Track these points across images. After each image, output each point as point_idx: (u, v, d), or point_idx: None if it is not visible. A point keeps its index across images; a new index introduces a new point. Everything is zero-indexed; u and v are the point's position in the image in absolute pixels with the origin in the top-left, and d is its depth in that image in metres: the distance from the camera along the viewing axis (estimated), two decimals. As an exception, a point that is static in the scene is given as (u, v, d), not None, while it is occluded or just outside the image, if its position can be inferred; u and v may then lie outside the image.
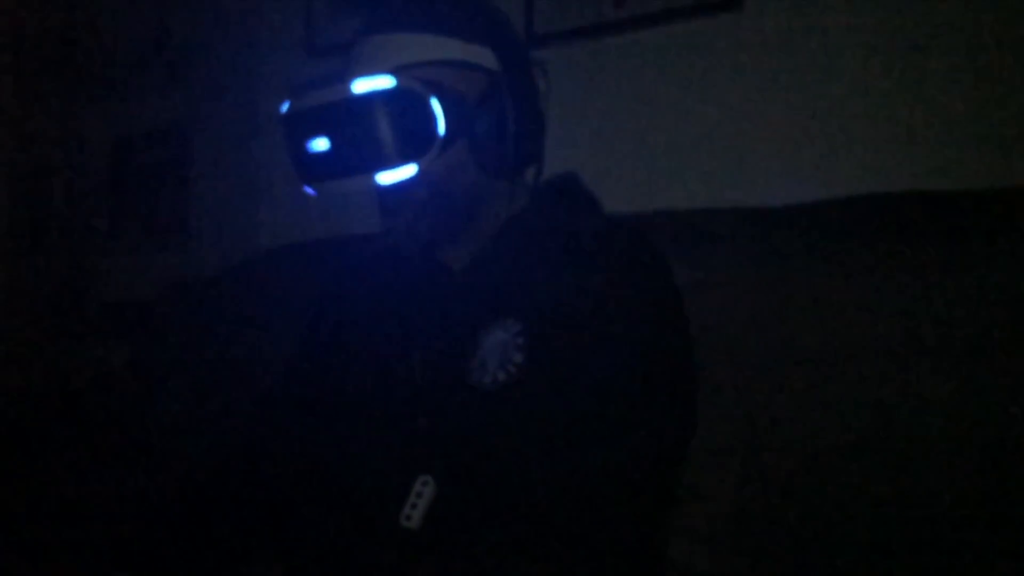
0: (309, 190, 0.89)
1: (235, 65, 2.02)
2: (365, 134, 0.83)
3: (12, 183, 2.41)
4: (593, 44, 1.60)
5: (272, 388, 1.09)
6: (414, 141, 0.83)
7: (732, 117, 1.49)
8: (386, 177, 0.84)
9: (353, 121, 0.83)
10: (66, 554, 1.35)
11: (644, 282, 0.88)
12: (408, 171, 0.84)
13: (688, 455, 0.93)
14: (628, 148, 1.58)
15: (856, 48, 1.39)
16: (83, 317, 2.30)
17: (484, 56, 0.89)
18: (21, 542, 1.39)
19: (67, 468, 1.59)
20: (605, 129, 1.61)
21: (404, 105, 0.82)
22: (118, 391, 1.78)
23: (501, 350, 0.85)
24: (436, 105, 0.83)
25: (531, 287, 0.88)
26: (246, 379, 1.62)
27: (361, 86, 0.82)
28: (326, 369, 1.00)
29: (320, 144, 0.85)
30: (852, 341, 1.18)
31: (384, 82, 0.82)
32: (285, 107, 0.88)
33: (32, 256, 2.39)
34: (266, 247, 1.85)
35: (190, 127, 2.10)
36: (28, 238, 2.39)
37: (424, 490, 0.81)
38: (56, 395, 2.12)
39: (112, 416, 1.75)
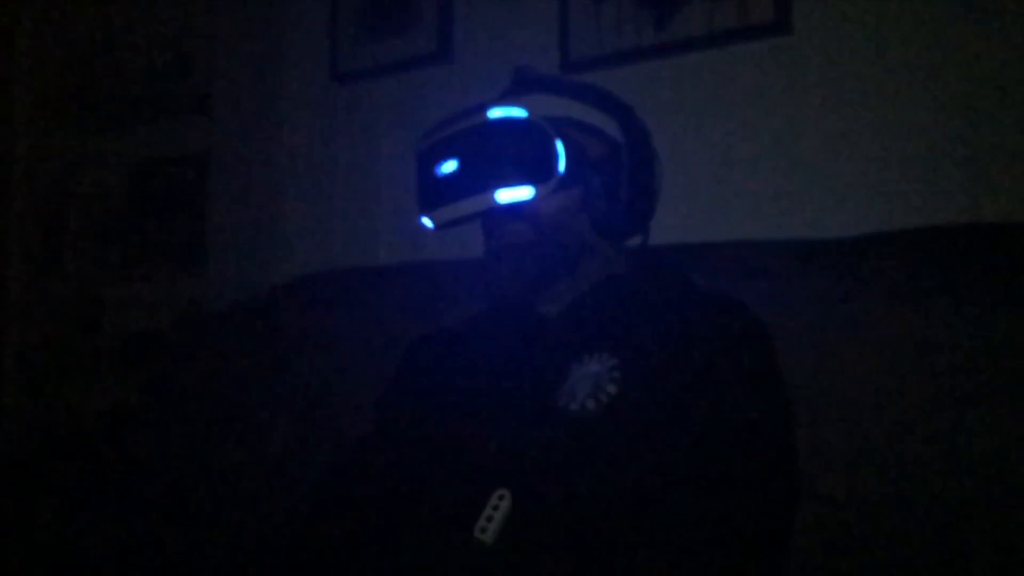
0: (427, 222, 0.98)
1: (258, 91, 1.98)
2: (491, 155, 0.92)
3: (26, 208, 2.38)
4: (633, 69, 1.55)
5: (364, 433, 1.11)
6: (534, 168, 0.92)
7: (780, 145, 1.43)
8: (505, 195, 0.91)
9: (483, 143, 0.93)
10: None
11: (745, 340, 0.91)
12: (525, 192, 0.92)
13: (791, 515, 0.89)
14: (670, 177, 1.52)
15: (912, 74, 1.34)
16: (96, 348, 2.24)
17: (609, 125, 0.99)
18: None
19: (78, 510, 1.52)
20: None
21: (531, 136, 0.92)
22: (133, 426, 1.73)
23: (593, 381, 0.87)
24: (559, 146, 0.92)
25: (628, 329, 0.92)
26: (268, 412, 1.57)
27: (496, 113, 0.93)
28: (414, 405, 1.02)
29: (449, 167, 0.94)
30: (915, 380, 1.13)
31: (517, 113, 0.93)
32: (422, 144, 0.98)
33: (45, 284, 2.34)
34: (287, 276, 1.80)
35: (210, 154, 2.06)
36: (41, 265, 2.35)
37: (501, 504, 0.81)
38: (67, 430, 2.06)
39: (126, 453, 1.70)
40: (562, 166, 0.92)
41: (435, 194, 0.96)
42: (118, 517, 1.46)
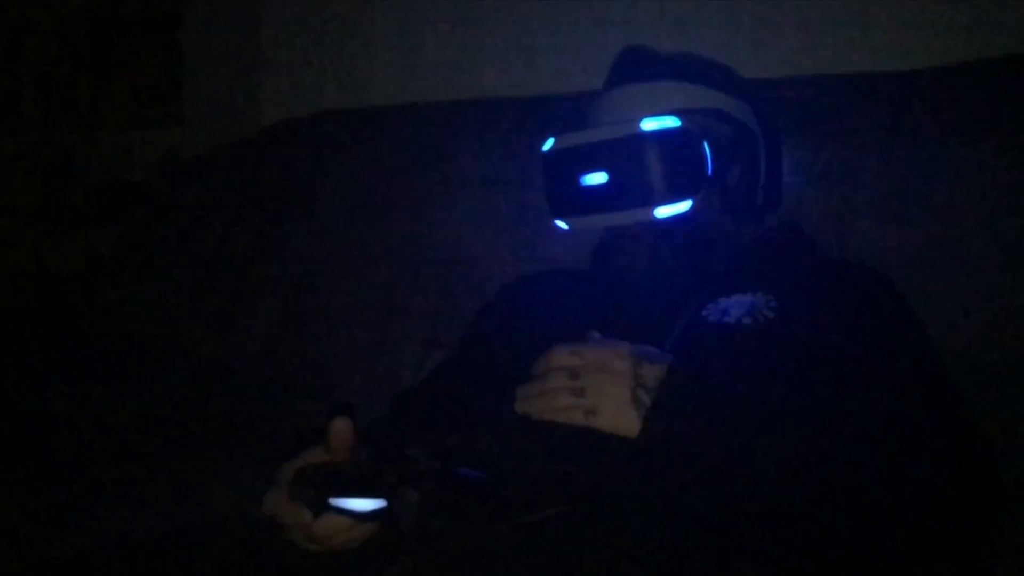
0: (562, 224, 0.96)
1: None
2: (647, 170, 0.89)
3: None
4: None
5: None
6: (691, 180, 0.90)
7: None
8: (664, 211, 0.89)
9: (636, 157, 0.89)
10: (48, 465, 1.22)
11: (887, 283, 0.92)
12: (684, 206, 0.89)
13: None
14: (725, 11, 1.37)
15: None
16: (66, 202, 2.14)
17: (743, 111, 0.98)
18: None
19: (52, 369, 1.43)
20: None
21: (684, 146, 0.90)
22: (108, 282, 1.64)
23: (750, 305, 0.86)
24: (707, 148, 0.91)
25: (776, 275, 0.91)
26: (251, 266, 1.47)
27: (649, 125, 0.89)
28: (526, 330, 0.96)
29: (596, 178, 0.91)
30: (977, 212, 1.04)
31: (669, 122, 0.89)
32: (550, 144, 0.95)
33: (3, 136, 2.21)
34: (271, 120, 1.69)
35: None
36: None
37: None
38: (39, 288, 1.98)
39: (102, 310, 1.61)
40: (710, 170, 0.91)
41: (579, 202, 0.94)
42: (92, 377, 1.37)
